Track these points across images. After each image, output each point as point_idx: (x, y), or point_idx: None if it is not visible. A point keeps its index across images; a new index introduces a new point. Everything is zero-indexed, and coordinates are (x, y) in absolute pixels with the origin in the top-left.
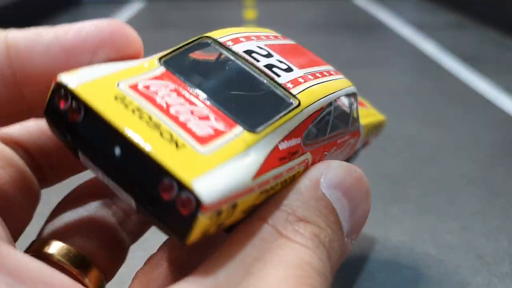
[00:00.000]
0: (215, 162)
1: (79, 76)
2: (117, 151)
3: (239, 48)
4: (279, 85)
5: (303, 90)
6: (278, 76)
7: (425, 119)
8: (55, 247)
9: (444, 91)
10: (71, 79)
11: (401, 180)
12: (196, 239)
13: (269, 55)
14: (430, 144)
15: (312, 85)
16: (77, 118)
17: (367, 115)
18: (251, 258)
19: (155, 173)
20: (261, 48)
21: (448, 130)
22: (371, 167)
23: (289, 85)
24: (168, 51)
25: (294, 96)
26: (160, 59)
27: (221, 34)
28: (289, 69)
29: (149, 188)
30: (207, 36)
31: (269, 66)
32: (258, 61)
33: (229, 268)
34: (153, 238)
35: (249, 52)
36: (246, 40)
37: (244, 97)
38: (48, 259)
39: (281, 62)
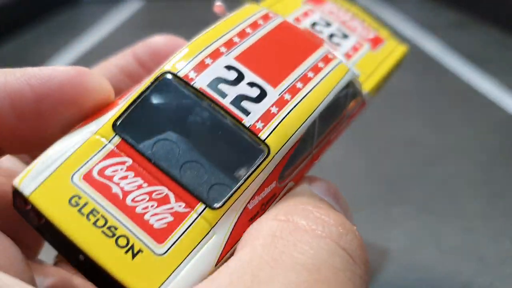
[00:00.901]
0: (173, 264)
1: (33, 177)
2: (81, 257)
3: (202, 82)
4: (247, 128)
5: (275, 128)
6: (247, 114)
7: (426, 120)
8: None
9: (446, 91)
10: (25, 185)
11: (402, 182)
12: None
13: (239, 78)
14: (431, 145)
15: (290, 112)
16: (40, 221)
17: (380, 63)
18: (260, 260)
19: (116, 285)
20: (230, 68)
21: (450, 131)
22: (372, 168)
23: (259, 126)
24: (125, 106)
25: (263, 142)
26: (115, 121)
27: (184, 61)
28: (261, 95)
29: None
30: (167, 72)
31: (238, 100)
32: (224, 96)
33: (234, 274)
34: None
35: (214, 84)
36: (213, 59)
37: (207, 160)
38: None
39: (253, 85)
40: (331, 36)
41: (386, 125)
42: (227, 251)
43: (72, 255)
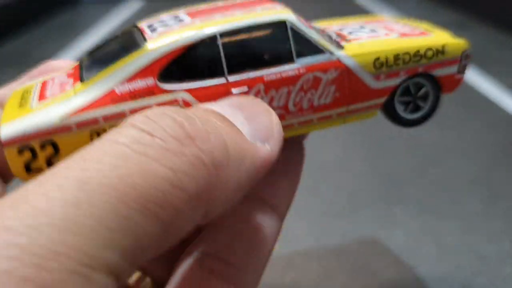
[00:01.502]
0: (32, 110)
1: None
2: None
3: (145, 24)
4: (144, 38)
5: (161, 34)
6: (154, 31)
7: None
8: (134, 276)
9: None
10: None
11: (402, 181)
12: (23, 173)
13: (176, 22)
14: (432, 145)
15: (185, 27)
16: None
17: (397, 42)
18: (80, 154)
19: None
20: (176, 18)
21: (450, 130)
22: (372, 168)
23: (152, 35)
24: (98, 45)
25: (144, 40)
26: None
27: (150, 19)
28: (177, 23)
29: None
30: (134, 26)
31: (157, 26)
32: (154, 30)
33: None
34: None
35: (153, 25)
36: (168, 14)
37: (110, 58)
38: None
39: (180, 20)
40: (351, 32)
41: (386, 124)
42: (79, 113)
43: None
